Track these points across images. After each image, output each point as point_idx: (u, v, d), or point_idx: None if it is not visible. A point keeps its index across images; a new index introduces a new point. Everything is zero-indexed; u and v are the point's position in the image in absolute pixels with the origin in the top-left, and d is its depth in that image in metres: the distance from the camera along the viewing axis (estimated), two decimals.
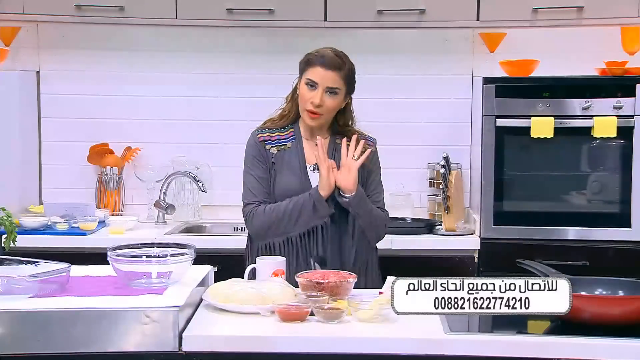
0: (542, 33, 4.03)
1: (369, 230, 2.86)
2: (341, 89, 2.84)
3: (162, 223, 4.01)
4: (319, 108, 2.81)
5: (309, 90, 2.82)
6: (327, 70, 2.80)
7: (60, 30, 4.15)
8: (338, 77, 2.82)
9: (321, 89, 2.80)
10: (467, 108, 4.14)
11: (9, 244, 2.49)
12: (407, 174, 4.12)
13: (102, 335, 2.10)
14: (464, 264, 3.64)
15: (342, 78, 2.83)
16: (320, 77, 2.80)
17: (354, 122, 2.98)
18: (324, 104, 2.81)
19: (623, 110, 3.60)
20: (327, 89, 2.81)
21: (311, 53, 2.87)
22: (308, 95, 2.82)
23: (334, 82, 2.81)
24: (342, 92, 2.85)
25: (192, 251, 2.40)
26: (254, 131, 2.96)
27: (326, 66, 2.81)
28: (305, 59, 2.87)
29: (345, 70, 2.84)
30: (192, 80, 4.20)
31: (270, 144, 2.90)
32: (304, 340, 2.15)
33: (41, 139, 4.23)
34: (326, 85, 2.81)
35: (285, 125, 2.94)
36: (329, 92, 2.81)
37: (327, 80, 2.80)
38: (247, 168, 2.92)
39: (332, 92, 2.82)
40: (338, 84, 2.82)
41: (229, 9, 3.80)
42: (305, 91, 2.83)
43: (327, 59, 2.82)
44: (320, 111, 2.82)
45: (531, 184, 3.76)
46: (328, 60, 2.81)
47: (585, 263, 3.57)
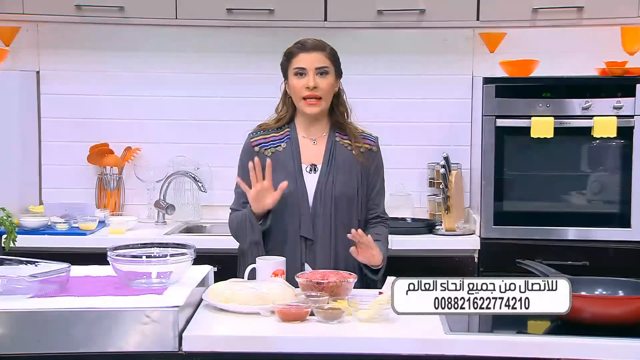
0: (542, 33, 4.03)
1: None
2: (330, 68, 2.84)
3: (162, 223, 4.01)
4: (315, 90, 2.80)
5: (299, 78, 2.82)
6: (310, 53, 2.82)
7: (60, 30, 4.15)
8: (323, 56, 2.83)
9: (311, 72, 2.80)
10: (467, 108, 4.14)
11: (9, 244, 2.49)
12: (407, 174, 4.12)
13: (102, 335, 2.10)
14: (464, 264, 3.64)
15: (327, 57, 2.84)
16: (307, 62, 2.81)
17: (350, 111, 2.96)
18: (319, 85, 2.80)
19: (623, 110, 3.60)
20: (317, 71, 2.80)
21: (289, 48, 2.89)
22: (300, 83, 2.81)
23: (322, 61, 2.82)
24: (331, 71, 2.84)
25: (192, 251, 2.40)
26: (250, 134, 2.94)
27: (308, 50, 2.83)
28: (285, 55, 2.89)
29: (328, 50, 2.86)
30: (192, 80, 4.20)
31: (265, 146, 2.87)
32: (304, 340, 2.15)
33: (41, 139, 4.23)
34: (315, 66, 2.80)
35: (281, 126, 2.92)
36: (319, 72, 2.81)
37: (314, 61, 2.81)
38: (238, 173, 2.90)
39: (323, 72, 2.82)
40: (325, 62, 2.83)
41: (229, 9, 3.79)
42: (296, 81, 2.82)
43: (307, 44, 2.84)
44: (318, 93, 2.80)
45: (531, 184, 3.76)
46: (309, 44, 2.84)
47: (585, 263, 3.57)
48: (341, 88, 2.93)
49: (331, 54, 2.86)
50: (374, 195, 2.91)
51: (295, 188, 2.81)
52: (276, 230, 2.82)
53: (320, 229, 2.80)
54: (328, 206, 2.81)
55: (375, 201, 2.91)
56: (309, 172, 2.86)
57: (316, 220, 2.81)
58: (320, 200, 2.81)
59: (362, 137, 2.93)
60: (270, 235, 2.83)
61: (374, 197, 2.91)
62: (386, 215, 2.97)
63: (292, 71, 2.84)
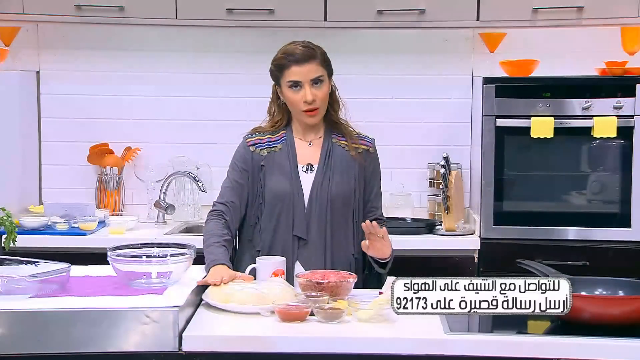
0: (542, 33, 4.03)
1: None
2: (324, 75, 2.78)
3: (162, 223, 4.01)
4: (313, 103, 2.77)
5: (295, 92, 2.77)
6: (303, 65, 2.74)
7: (60, 30, 4.15)
8: (316, 66, 2.76)
9: (307, 84, 2.74)
10: (467, 108, 4.14)
11: (9, 244, 2.49)
12: (407, 174, 4.12)
13: (102, 335, 2.10)
14: (464, 264, 3.64)
15: (320, 65, 2.77)
16: (300, 75, 2.75)
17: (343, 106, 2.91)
18: (316, 96, 2.76)
19: (623, 110, 3.60)
20: (311, 82, 2.75)
21: (278, 57, 2.81)
22: (297, 96, 2.77)
23: (315, 71, 2.75)
24: (325, 77, 2.79)
25: (192, 251, 2.40)
26: (245, 135, 2.92)
27: (300, 62, 2.75)
28: (276, 65, 2.81)
29: (319, 57, 2.78)
30: (192, 80, 4.20)
31: (261, 146, 2.85)
32: (304, 340, 2.15)
33: (41, 139, 4.23)
34: (309, 78, 2.75)
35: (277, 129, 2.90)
36: (314, 83, 2.76)
37: (308, 74, 2.75)
38: (228, 170, 2.89)
39: (318, 82, 2.76)
40: (319, 72, 2.77)
41: (229, 9, 3.79)
42: (292, 94, 2.77)
43: (298, 55, 2.75)
44: (316, 105, 2.77)
45: (531, 184, 3.76)
46: (299, 55, 2.75)
47: (585, 263, 3.57)
48: (333, 85, 2.88)
49: (322, 59, 2.79)
50: (372, 197, 2.90)
51: (290, 188, 2.79)
52: (269, 229, 2.80)
53: (315, 229, 2.78)
54: (324, 206, 2.79)
55: (374, 204, 2.90)
56: (306, 172, 2.83)
57: (311, 220, 2.79)
58: (315, 200, 2.80)
59: (358, 137, 2.91)
60: (262, 233, 2.80)
61: (373, 199, 2.90)
62: (384, 218, 2.97)
63: (285, 83, 2.78)
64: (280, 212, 2.79)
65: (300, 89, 2.75)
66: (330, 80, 2.84)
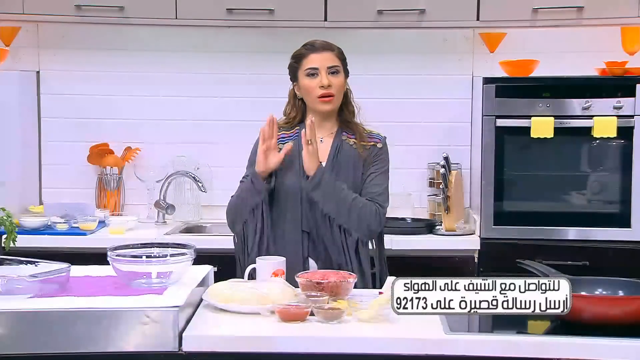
0: (542, 33, 4.03)
1: (345, 221, 2.79)
2: (340, 67, 2.90)
3: (162, 223, 4.01)
4: (329, 88, 2.85)
5: (312, 79, 2.87)
6: (321, 53, 2.88)
7: (60, 30, 4.16)
8: (333, 56, 2.90)
9: (324, 71, 2.86)
10: (467, 108, 4.15)
11: (9, 244, 2.49)
12: (407, 174, 4.12)
13: (102, 335, 2.10)
14: (464, 264, 3.64)
15: (337, 56, 2.91)
16: (318, 61, 2.86)
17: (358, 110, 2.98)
18: (332, 83, 2.86)
19: (623, 110, 3.60)
20: (328, 70, 2.86)
21: (297, 50, 2.94)
22: (313, 82, 2.86)
23: (332, 60, 2.88)
24: (341, 70, 2.91)
25: (192, 251, 2.40)
26: None
27: (319, 50, 2.89)
28: (295, 57, 2.93)
29: (337, 50, 2.92)
30: (192, 80, 4.20)
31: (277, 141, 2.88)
32: (304, 340, 2.15)
33: (41, 139, 4.23)
34: (326, 65, 2.86)
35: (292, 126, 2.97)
36: (331, 72, 2.87)
37: (325, 61, 2.87)
38: (247, 165, 2.96)
39: (334, 71, 2.88)
40: (336, 62, 2.89)
41: (229, 9, 3.79)
42: (309, 81, 2.87)
43: (316, 44, 2.90)
44: (332, 91, 2.86)
45: (531, 184, 3.75)
46: (318, 45, 2.90)
47: (585, 263, 3.57)
48: (348, 88, 2.98)
49: (340, 54, 2.93)
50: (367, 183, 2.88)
51: (298, 184, 2.84)
52: (278, 225, 2.86)
53: (322, 225, 2.81)
54: None
55: (369, 189, 2.87)
56: None
57: (318, 215, 2.82)
58: None
59: (368, 136, 2.95)
60: (273, 230, 2.86)
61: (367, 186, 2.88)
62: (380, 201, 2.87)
63: (303, 72, 2.89)
64: (289, 208, 2.85)
65: (317, 76, 2.86)
66: (346, 77, 2.93)
